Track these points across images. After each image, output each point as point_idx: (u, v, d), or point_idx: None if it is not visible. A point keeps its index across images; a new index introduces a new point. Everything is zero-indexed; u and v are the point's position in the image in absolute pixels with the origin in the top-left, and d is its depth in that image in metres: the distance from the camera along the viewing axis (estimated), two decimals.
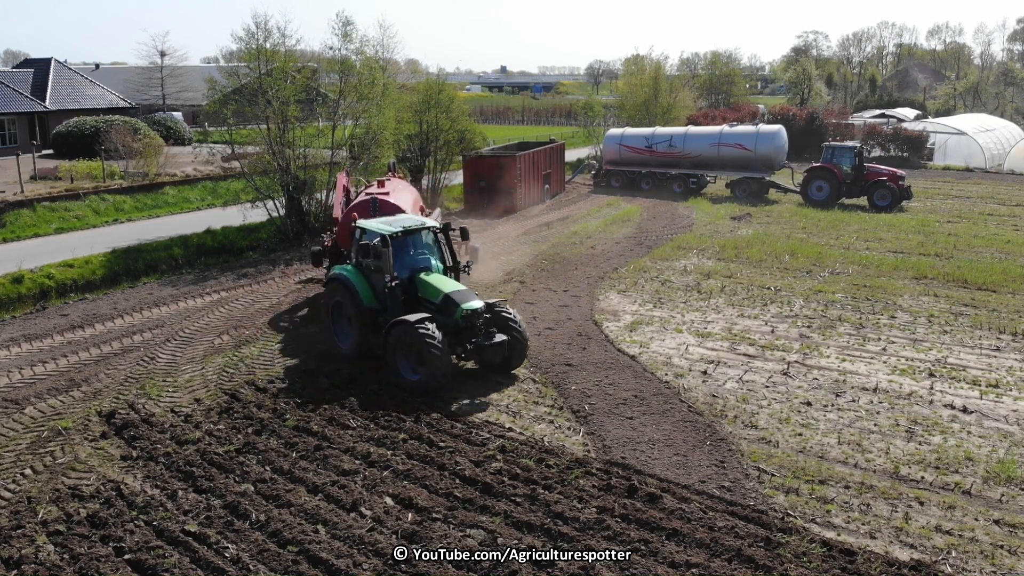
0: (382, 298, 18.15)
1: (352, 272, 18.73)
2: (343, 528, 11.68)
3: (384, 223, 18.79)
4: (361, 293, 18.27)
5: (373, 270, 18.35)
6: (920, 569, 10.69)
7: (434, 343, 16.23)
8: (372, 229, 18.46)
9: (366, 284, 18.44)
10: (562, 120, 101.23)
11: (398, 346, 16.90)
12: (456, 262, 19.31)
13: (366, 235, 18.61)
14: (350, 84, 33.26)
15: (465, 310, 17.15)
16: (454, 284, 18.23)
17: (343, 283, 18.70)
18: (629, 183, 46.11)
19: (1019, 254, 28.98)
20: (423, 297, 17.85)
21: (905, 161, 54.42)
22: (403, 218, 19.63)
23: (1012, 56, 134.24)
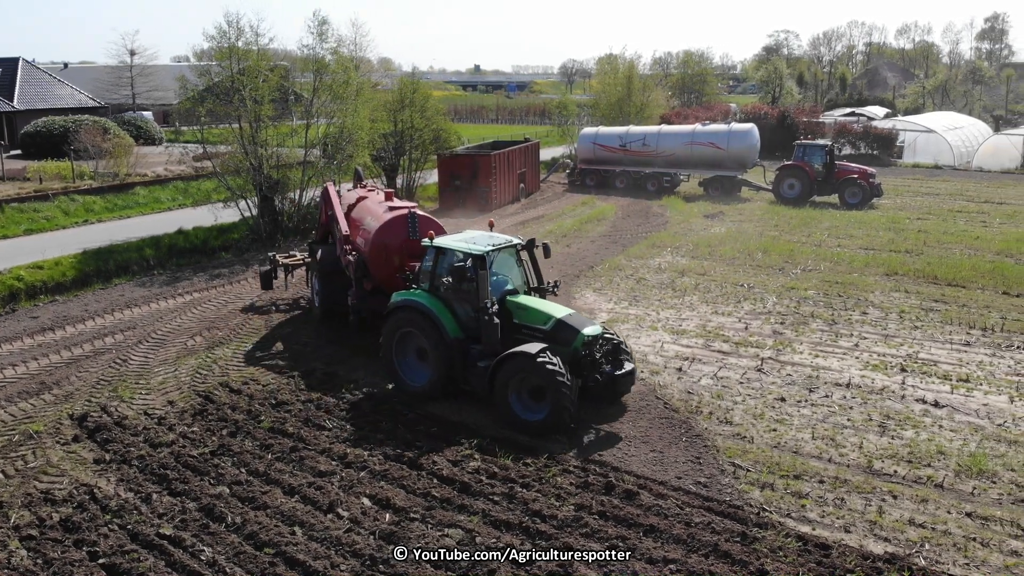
0: (467, 327, 16.02)
1: (428, 298, 16.24)
2: (320, 529, 11.63)
3: (465, 241, 16.46)
4: (446, 322, 15.95)
5: (456, 295, 16.09)
6: (894, 562, 10.83)
7: (564, 378, 14.28)
8: (456, 249, 16.12)
9: (448, 311, 16.15)
10: (536, 119, 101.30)
11: (510, 382, 14.85)
12: (542, 281, 17.21)
13: (446, 255, 16.30)
14: (324, 83, 33.08)
15: (586, 337, 15.22)
16: (561, 307, 16.34)
17: (420, 312, 16.14)
18: (603, 182, 46.26)
19: (988, 250, 29.42)
20: (521, 323, 15.77)
21: (875, 159, 55.02)
22: (480, 234, 17.07)
23: (980, 55, 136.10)
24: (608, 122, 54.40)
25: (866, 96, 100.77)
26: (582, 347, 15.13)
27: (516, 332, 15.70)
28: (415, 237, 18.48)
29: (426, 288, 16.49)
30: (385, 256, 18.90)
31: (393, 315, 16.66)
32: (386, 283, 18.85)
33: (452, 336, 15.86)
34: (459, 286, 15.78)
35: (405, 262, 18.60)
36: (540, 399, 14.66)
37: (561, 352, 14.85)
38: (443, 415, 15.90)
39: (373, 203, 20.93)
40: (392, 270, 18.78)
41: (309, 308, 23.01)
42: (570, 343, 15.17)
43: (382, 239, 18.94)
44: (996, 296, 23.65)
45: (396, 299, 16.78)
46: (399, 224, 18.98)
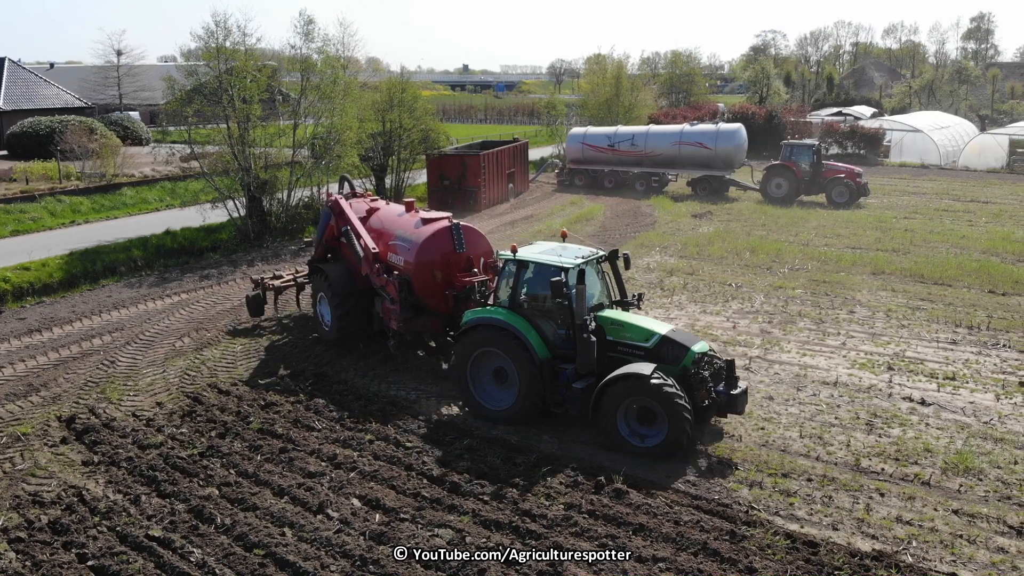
0: (554, 345, 15.01)
1: (510, 316, 15.13)
2: (310, 530, 11.63)
3: (549, 253, 15.39)
4: (533, 342, 14.84)
5: (541, 312, 15.19)
6: (882, 559, 10.91)
7: (682, 400, 13.40)
8: (546, 263, 14.98)
9: (534, 330, 15.08)
10: (525, 119, 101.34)
11: (618, 405, 13.90)
12: (625, 295, 16.14)
13: (531, 270, 15.26)
14: (312, 83, 33.04)
15: (696, 354, 14.36)
16: (660, 321, 15.61)
17: (503, 331, 14.99)
18: (592, 182, 46.33)
19: (974, 249, 29.62)
20: (616, 340, 14.73)
21: (862, 158, 55.26)
22: (555, 246, 15.93)
23: (966, 54, 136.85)
24: (597, 122, 54.49)
25: (853, 96, 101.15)
26: (692, 365, 14.26)
27: (610, 350, 14.67)
28: (461, 250, 17.66)
29: (505, 305, 15.43)
30: (431, 272, 17.64)
31: (468, 335, 15.47)
32: (431, 301, 17.75)
33: (541, 356, 14.74)
34: (552, 303, 14.81)
35: (455, 277, 17.55)
36: (650, 423, 13.78)
37: (670, 371, 13.97)
38: (433, 415, 15.92)
39: (392, 214, 19.67)
40: (436, 287, 17.64)
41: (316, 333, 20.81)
42: (678, 361, 14.25)
43: (427, 254, 17.63)
44: (982, 295, 23.82)
45: (471, 318, 15.60)
46: (443, 237, 17.72)
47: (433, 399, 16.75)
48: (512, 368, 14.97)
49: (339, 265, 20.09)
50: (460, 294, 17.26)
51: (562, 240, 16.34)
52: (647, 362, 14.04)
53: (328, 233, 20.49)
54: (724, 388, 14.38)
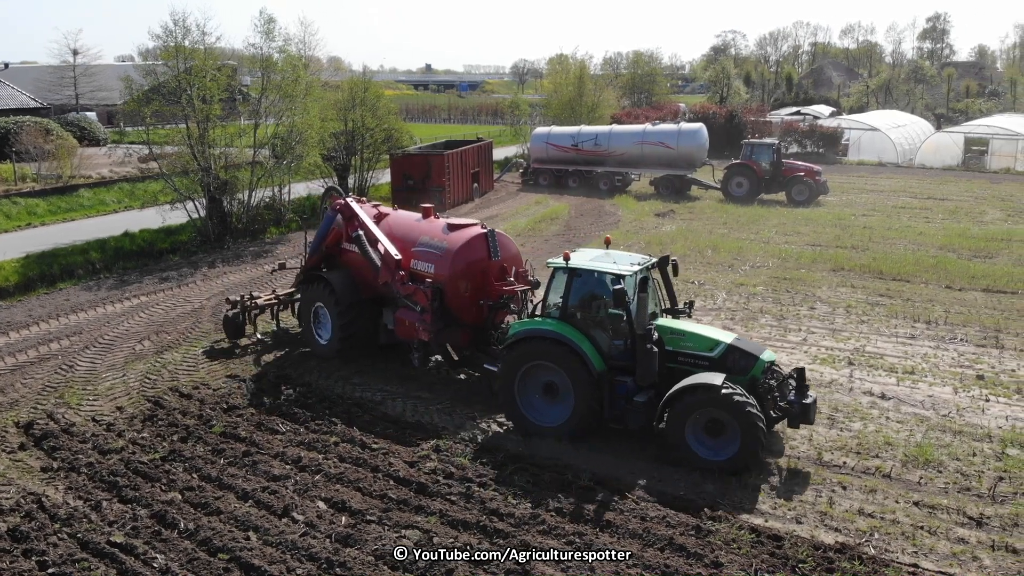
0: (609, 357, 14.34)
1: (564, 327, 14.37)
2: (275, 534, 11.51)
3: (603, 260, 14.72)
4: (591, 354, 14.12)
5: (596, 322, 14.50)
6: (845, 551, 11.07)
7: (756, 411, 12.91)
8: (603, 271, 14.36)
9: (589, 341, 14.40)
10: (489, 119, 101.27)
11: (686, 418, 13.33)
12: (675, 302, 15.54)
13: (585, 279, 14.56)
14: (273, 82, 32.74)
15: (765, 363, 13.97)
16: (722, 330, 15.20)
17: (557, 343, 14.23)
18: (556, 181, 46.44)
19: (931, 245, 30.18)
20: (676, 351, 14.14)
21: (821, 157, 56.01)
22: (599, 252, 15.33)
23: (922, 54, 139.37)
24: (560, 122, 54.63)
25: (812, 95, 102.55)
26: (761, 375, 13.88)
27: (670, 360, 14.07)
28: (496, 258, 16.91)
29: (555, 316, 14.76)
30: (465, 281, 16.75)
31: (517, 348, 14.67)
32: (464, 311, 16.88)
33: (598, 369, 14.10)
34: (606, 312, 14.19)
35: (490, 286, 16.79)
36: (717, 434, 13.23)
37: (738, 382, 13.45)
38: (399, 416, 15.86)
39: (408, 220, 18.68)
40: (470, 296, 16.82)
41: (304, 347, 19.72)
42: (747, 371, 13.76)
43: (462, 262, 16.73)
44: (939, 290, 24.27)
45: (519, 329, 14.80)
46: (478, 244, 16.91)
47: (399, 400, 16.67)
48: (566, 382, 14.22)
49: (342, 273, 18.84)
50: (496, 304, 16.61)
51: (606, 246, 15.68)
52: (711, 372, 13.55)
53: (332, 239, 19.13)
54: (795, 397, 13.84)
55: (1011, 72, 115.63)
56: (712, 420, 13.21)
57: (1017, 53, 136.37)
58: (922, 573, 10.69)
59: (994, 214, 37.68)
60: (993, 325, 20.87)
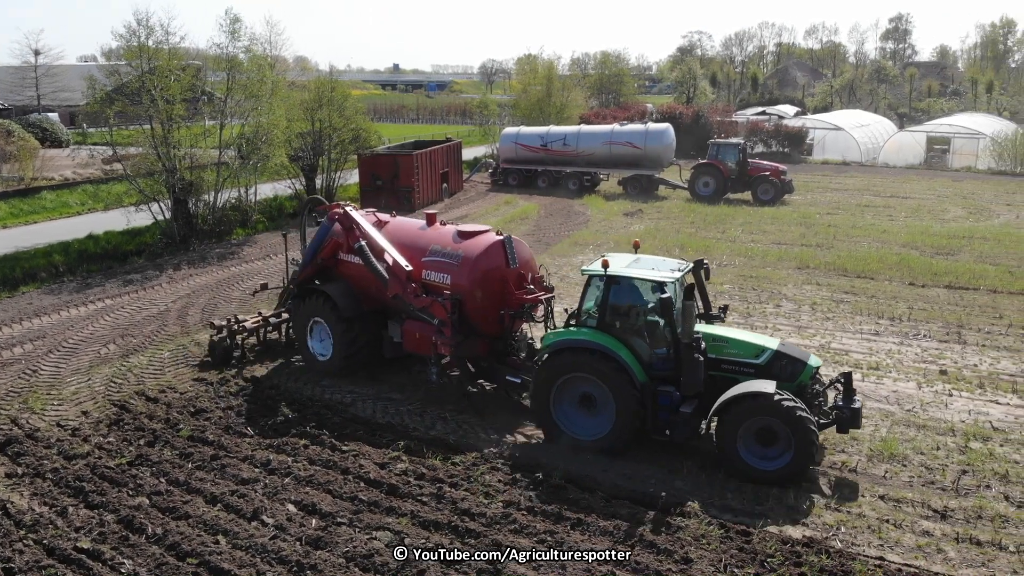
0: (649, 367, 13.84)
1: (603, 337, 13.83)
2: (244, 537, 11.42)
3: (640, 267, 14.24)
4: (632, 365, 13.63)
5: (634, 331, 14.06)
6: (812, 545, 11.22)
7: (809, 419, 12.53)
8: (642, 277, 13.92)
9: (630, 351, 13.87)
10: (457, 119, 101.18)
11: (737, 428, 12.92)
12: (709, 307, 15.14)
13: (621, 285, 14.05)
14: (238, 82, 32.45)
15: (813, 369, 13.70)
16: (766, 336, 14.81)
17: (597, 354, 13.72)
18: (526, 181, 46.52)
19: (895, 243, 30.64)
20: (720, 358, 13.79)
21: (786, 156, 56.59)
22: (628, 257, 14.85)
23: (885, 54, 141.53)
24: (529, 122, 54.73)
25: (777, 95, 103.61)
26: (809, 381, 13.67)
27: (713, 368, 13.63)
28: (514, 265, 16.25)
29: (591, 325, 14.22)
30: (485, 290, 15.99)
31: (553, 359, 14.18)
32: (483, 322, 16.17)
33: (641, 380, 13.64)
34: (644, 320, 13.90)
35: (510, 294, 16.04)
36: (769, 443, 12.86)
37: (787, 388, 13.15)
38: (369, 417, 15.80)
39: (412, 228, 17.86)
40: (490, 306, 16.06)
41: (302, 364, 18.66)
42: (795, 377, 13.47)
43: (481, 271, 15.96)
44: (903, 287, 24.65)
45: (554, 340, 14.27)
46: (495, 252, 16.18)
47: (369, 401, 16.61)
48: (606, 393, 13.72)
49: (341, 285, 17.92)
50: (517, 313, 16.07)
51: (635, 251, 15.29)
52: (760, 380, 13.19)
53: (328, 250, 18.09)
54: (844, 402, 13.55)
55: (972, 72, 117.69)
56: (764, 429, 12.82)
57: (978, 53, 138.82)
58: (888, 566, 10.85)
59: (956, 212, 38.34)
60: (955, 321, 21.23)
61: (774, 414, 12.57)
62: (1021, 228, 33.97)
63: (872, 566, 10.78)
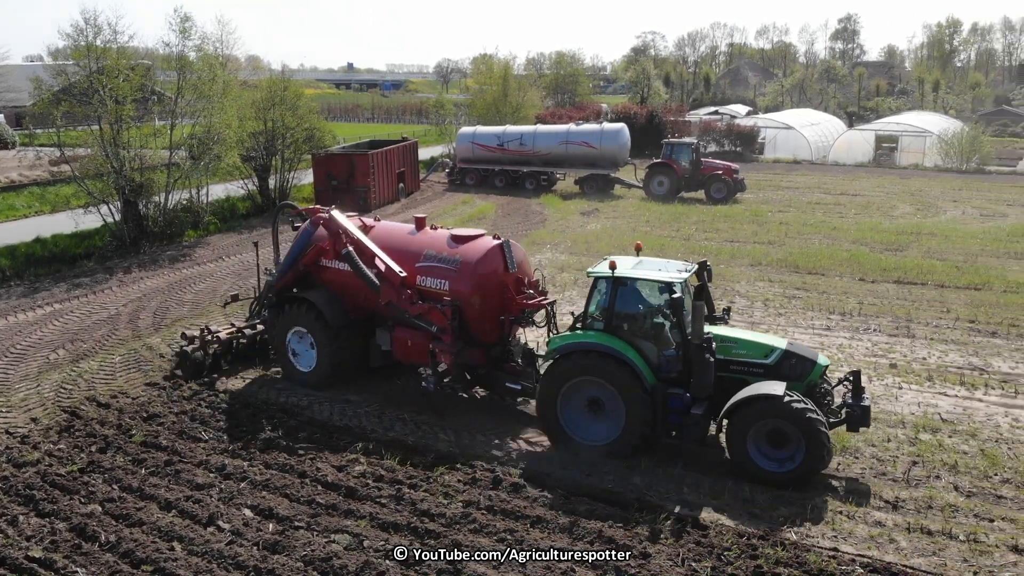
0: (659, 369, 13.68)
1: (611, 340, 13.67)
2: (200, 543, 11.27)
3: (646, 268, 14.18)
4: (642, 367, 13.48)
5: (641, 333, 13.95)
6: (767, 538, 11.40)
7: (820, 420, 12.47)
8: (650, 279, 13.86)
9: (638, 354, 13.71)
10: (413, 118, 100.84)
11: (747, 430, 12.88)
12: (713, 308, 15.04)
13: (628, 287, 13.95)
14: (189, 82, 31.97)
15: (822, 368, 13.66)
16: (775, 336, 14.79)
17: (606, 357, 13.54)
18: (483, 181, 46.51)
19: (844, 239, 31.22)
20: (727, 359, 13.69)
21: (738, 155, 57.35)
22: (631, 259, 14.78)
23: (834, 54, 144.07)
24: (485, 122, 54.73)
25: (729, 95, 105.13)
26: (819, 380, 13.67)
27: (721, 369, 13.54)
28: (513, 269, 15.93)
29: (601, 328, 13.97)
30: (485, 296, 15.58)
31: (560, 363, 13.98)
32: (483, 329, 15.79)
33: (651, 382, 13.50)
34: (650, 323, 13.92)
35: (511, 299, 15.74)
36: (780, 445, 12.78)
37: (797, 388, 13.10)
38: (326, 420, 15.69)
39: (400, 233, 17.36)
40: (490, 312, 15.68)
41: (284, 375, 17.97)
42: (804, 376, 13.40)
43: (482, 276, 15.54)
44: (853, 283, 25.14)
45: (561, 344, 14.02)
46: (494, 256, 15.81)
47: (326, 403, 16.48)
48: (615, 397, 13.56)
49: (324, 293, 17.21)
50: (518, 319, 15.78)
51: (636, 253, 15.08)
52: (769, 380, 13.14)
53: (310, 256, 17.32)
54: (853, 400, 13.47)
55: (919, 71, 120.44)
56: (774, 431, 12.77)
57: (924, 53, 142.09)
58: (842, 556, 11.07)
59: (904, 208, 39.20)
60: (904, 315, 21.71)
61: (784, 416, 12.50)
62: (967, 224, 34.89)
63: (826, 557, 10.99)
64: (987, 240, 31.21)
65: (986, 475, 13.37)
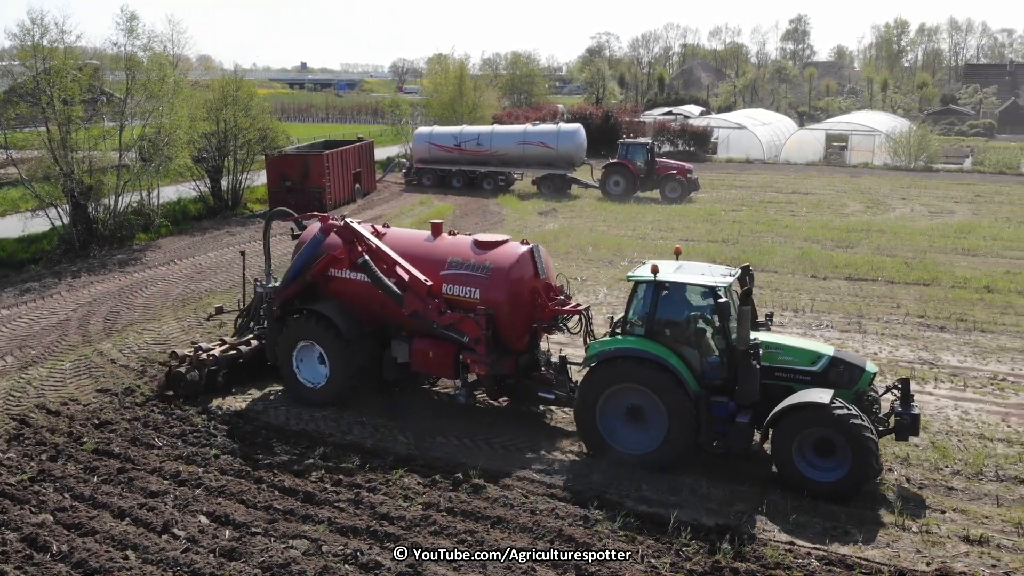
0: (701, 376, 13.36)
1: (654, 346, 13.29)
2: (155, 551, 11.08)
3: (689, 272, 13.87)
4: (685, 374, 13.14)
5: (684, 339, 13.65)
6: (723, 532, 11.54)
7: (868, 429, 12.18)
8: (694, 283, 13.50)
9: (681, 360, 13.32)
10: (369, 118, 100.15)
11: (793, 439, 12.52)
12: (755, 314, 14.46)
13: (671, 291, 13.51)
14: (138, 82, 31.44)
15: (871, 375, 13.34)
16: (822, 343, 14.49)
17: (649, 363, 13.16)
18: (440, 181, 46.40)
19: (796, 237, 31.73)
20: (773, 366, 13.30)
21: (692, 155, 57.87)
22: (697, 264, 14.61)
23: (785, 55, 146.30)
24: (442, 122, 54.61)
25: (682, 95, 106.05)
26: (867, 387, 13.35)
27: (766, 377, 13.12)
28: (543, 275, 15.60)
29: (642, 333, 13.58)
30: (520, 303, 15.11)
31: (599, 370, 13.62)
32: (515, 337, 15.27)
33: (695, 390, 13.16)
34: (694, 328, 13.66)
35: (543, 306, 15.39)
36: (827, 454, 12.48)
37: (845, 397, 12.76)
38: (282, 425, 15.52)
39: (417, 240, 16.65)
40: (522, 320, 15.29)
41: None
42: (852, 384, 13.11)
43: (516, 283, 15.06)
44: (805, 280, 25.55)
45: (600, 350, 13.72)
46: (525, 262, 15.34)
47: (282, 408, 16.30)
48: (656, 405, 13.19)
49: (335, 304, 16.37)
50: (550, 325, 15.43)
51: (675, 257, 14.75)
52: (816, 388, 12.82)
53: (320, 266, 16.40)
54: (903, 408, 13.14)
55: (868, 71, 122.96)
56: (821, 439, 12.47)
57: (873, 53, 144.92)
58: (798, 549, 11.24)
59: (854, 206, 39.95)
60: (855, 311, 22.12)
61: (831, 425, 12.20)
62: (916, 221, 35.68)
63: (783, 551, 11.15)
64: (935, 237, 31.94)
65: (937, 467, 13.67)
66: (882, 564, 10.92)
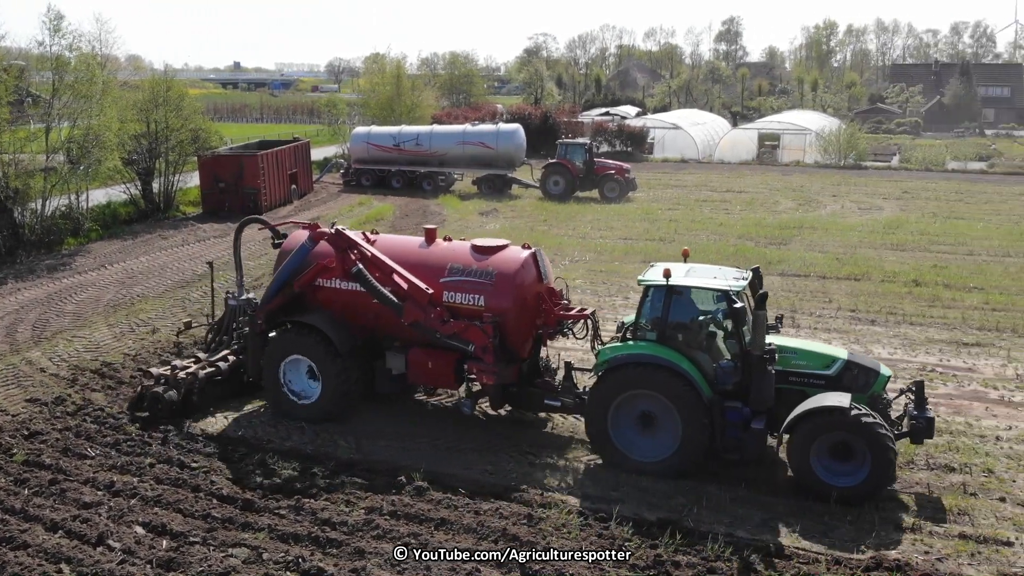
0: (715, 381, 13.11)
1: (666, 351, 13.04)
2: (90, 564, 10.79)
3: (701, 276, 13.57)
4: (699, 379, 12.90)
5: (696, 344, 13.42)
6: (666, 526, 11.70)
7: (887, 433, 12.03)
8: (707, 287, 13.25)
9: (694, 366, 13.09)
10: (305, 118, 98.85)
11: (811, 444, 12.36)
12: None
13: (683, 295, 13.36)
14: (65, 83, 30.59)
15: (886, 378, 13.27)
16: (834, 346, 14.38)
17: (661, 369, 12.96)
18: (379, 181, 46.08)
19: (731, 235, 32.31)
20: (787, 370, 13.13)
21: (629, 155, 58.44)
22: (708, 268, 14.34)
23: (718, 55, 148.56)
24: (380, 121, 54.22)
25: (619, 96, 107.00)
26: (882, 390, 13.27)
27: (780, 381, 12.93)
28: (546, 280, 15.23)
29: (654, 339, 13.33)
30: (525, 309, 14.73)
31: (611, 377, 13.37)
32: (520, 344, 14.98)
33: (708, 395, 12.96)
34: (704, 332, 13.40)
35: (549, 311, 15.02)
36: (845, 458, 12.32)
37: (861, 400, 12.66)
38: (220, 431, 15.24)
39: (411, 246, 15.99)
40: (528, 326, 14.96)
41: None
42: (867, 388, 13.03)
43: (521, 288, 14.62)
44: None
45: (611, 356, 13.41)
46: (530, 267, 14.91)
47: (219, 415, 16.00)
48: (670, 411, 12.98)
49: (327, 316, 15.61)
50: (555, 331, 15.12)
51: (684, 260, 14.24)
52: (831, 391, 12.72)
53: (308, 277, 15.58)
54: (917, 411, 13.07)
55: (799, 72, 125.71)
56: (839, 444, 12.33)
57: (803, 54, 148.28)
58: (738, 541, 11.46)
59: (786, 204, 40.87)
60: (789, 306, 22.60)
61: (850, 429, 12.09)
62: (846, 217, 36.65)
63: (723, 542, 11.35)
64: (865, 232, 32.85)
65: None
66: (820, 553, 11.21)
